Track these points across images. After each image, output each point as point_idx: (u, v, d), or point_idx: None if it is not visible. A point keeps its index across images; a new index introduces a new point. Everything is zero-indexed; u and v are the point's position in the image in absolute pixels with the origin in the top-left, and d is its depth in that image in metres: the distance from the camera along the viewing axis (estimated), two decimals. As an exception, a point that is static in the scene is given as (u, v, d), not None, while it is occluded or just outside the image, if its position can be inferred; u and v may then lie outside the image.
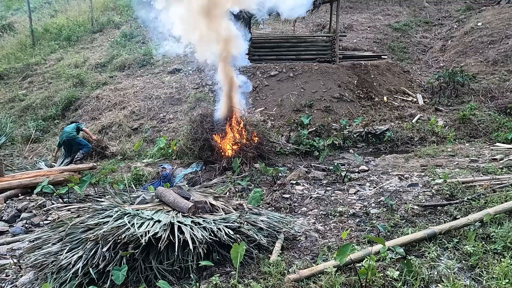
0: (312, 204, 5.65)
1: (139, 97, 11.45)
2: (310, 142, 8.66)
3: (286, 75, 11.37)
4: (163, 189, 5.02)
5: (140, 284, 3.56)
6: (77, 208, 4.71)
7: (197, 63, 12.93)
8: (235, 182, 6.73)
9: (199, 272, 3.78)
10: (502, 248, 3.66)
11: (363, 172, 7.14)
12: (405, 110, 10.67)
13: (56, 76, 13.43)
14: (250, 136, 7.76)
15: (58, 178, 7.31)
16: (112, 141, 9.93)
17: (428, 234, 3.97)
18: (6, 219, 5.92)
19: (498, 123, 9.32)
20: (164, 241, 3.72)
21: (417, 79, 12.68)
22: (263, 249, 4.15)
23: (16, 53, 15.37)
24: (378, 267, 3.54)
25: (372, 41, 15.46)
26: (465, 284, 3.27)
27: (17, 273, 4.21)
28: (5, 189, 6.98)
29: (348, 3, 19.49)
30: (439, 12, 17.88)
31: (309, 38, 13.58)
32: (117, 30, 16.50)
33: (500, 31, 13.25)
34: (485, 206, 4.58)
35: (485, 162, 6.79)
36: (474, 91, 11.10)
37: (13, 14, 20.30)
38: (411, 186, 5.86)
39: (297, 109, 10.35)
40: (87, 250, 3.77)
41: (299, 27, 16.76)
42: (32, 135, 10.70)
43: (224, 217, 4.41)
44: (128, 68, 13.64)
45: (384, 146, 9.35)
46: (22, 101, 12.47)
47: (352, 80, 11.39)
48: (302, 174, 6.98)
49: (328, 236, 4.52)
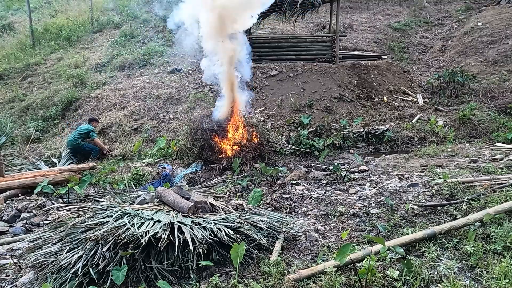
0: (312, 204, 5.65)
1: (139, 97, 11.45)
2: (310, 142, 8.66)
3: (286, 75, 11.37)
4: (163, 189, 5.02)
5: (140, 284, 3.56)
6: (77, 208, 4.71)
7: (197, 63, 12.95)
8: (235, 182, 6.73)
9: (199, 272, 3.78)
10: (502, 248, 3.66)
11: (363, 172, 7.14)
12: (405, 110, 10.67)
13: (56, 76, 13.43)
14: (250, 136, 7.77)
15: (58, 178, 7.31)
16: (114, 143, 9.92)
17: (428, 234, 3.97)
18: (6, 219, 5.92)
19: (498, 123, 9.32)
20: (164, 241, 3.71)
21: (417, 79, 12.68)
22: (263, 249, 4.15)
23: (16, 53, 15.36)
24: (378, 267, 3.54)
25: (372, 41, 15.46)
26: (465, 284, 3.27)
27: (17, 273, 4.21)
28: (5, 189, 6.98)
29: (348, 3, 19.49)
30: (439, 12, 17.88)
31: (309, 38, 13.58)
32: (117, 30, 16.49)
33: (500, 31, 13.25)
34: (485, 206, 4.58)
35: (485, 162, 6.79)
36: (474, 91, 11.11)
37: (13, 14, 20.28)
38: (411, 186, 5.86)
39: (297, 109, 10.35)
40: (87, 250, 3.77)
41: (299, 27, 16.75)
42: (32, 135, 10.69)
43: (224, 217, 4.41)
44: (128, 68, 13.64)
45: (384, 146, 9.35)
46: (22, 101, 12.47)
47: (352, 80, 11.39)
48: (302, 174, 6.98)
49: (328, 236, 4.52)
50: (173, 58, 13.85)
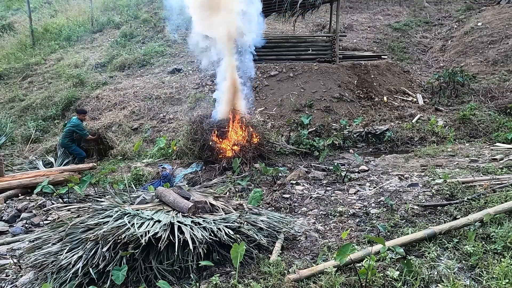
0: (312, 204, 5.64)
1: (139, 97, 11.45)
2: (310, 142, 8.66)
3: (286, 75, 11.37)
4: (163, 189, 5.02)
5: (140, 284, 3.56)
6: (77, 208, 4.71)
7: (197, 63, 12.95)
8: (235, 182, 6.73)
9: (199, 272, 3.78)
10: (502, 248, 3.66)
11: (363, 172, 7.14)
12: (405, 110, 10.67)
13: (56, 76, 13.43)
14: (250, 137, 7.76)
15: (58, 178, 7.31)
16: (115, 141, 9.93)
17: (428, 234, 3.97)
18: (6, 219, 5.92)
19: (498, 123, 9.32)
20: (164, 241, 3.71)
21: (417, 79, 12.68)
22: (263, 249, 4.15)
23: (16, 53, 15.36)
24: (378, 267, 3.54)
25: (372, 41, 15.46)
26: (465, 284, 3.27)
27: (17, 273, 4.21)
28: (5, 189, 6.98)
29: (348, 3, 19.49)
30: (439, 12, 17.88)
31: (309, 38, 13.57)
32: (117, 30, 16.49)
33: (500, 31, 13.24)
34: (485, 206, 4.58)
35: (485, 162, 6.79)
36: (474, 91, 11.11)
37: (13, 14, 20.29)
38: (411, 186, 5.86)
39: (297, 109, 10.35)
40: (87, 250, 3.77)
41: (299, 27, 16.75)
42: (32, 135, 10.70)
43: (224, 217, 4.41)
44: (128, 68, 13.64)
45: (384, 146, 9.35)
46: (22, 101, 12.47)
47: (352, 80, 11.39)
48: (302, 174, 6.98)
49: (328, 236, 4.52)
50: (173, 58, 13.85)
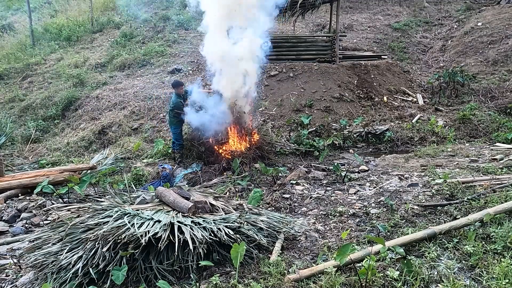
0: (312, 204, 5.65)
1: (139, 97, 11.44)
2: (310, 142, 8.66)
3: (286, 75, 11.37)
4: (163, 189, 5.02)
5: (140, 284, 3.56)
6: (77, 208, 4.71)
7: (197, 63, 12.95)
8: (235, 182, 6.73)
9: (199, 272, 3.78)
10: (502, 248, 3.66)
11: (363, 172, 7.14)
12: (405, 110, 10.67)
13: (56, 76, 13.43)
14: (250, 138, 7.77)
15: (58, 178, 7.30)
16: (112, 141, 9.92)
17: (428, 234, 3.97)
18: (6, 219, 5.92)
19: (498, 123, 9.32)
20: (164, 241, 3.71)
21: (417, 79, 12.68)
22: (263, 249, 4.15)
23: (16, 53, 15.36)
24: (378, 267, 3.54)
25: (372, 41, 15.46)
26: (465, 284, 3.27)
27: (17, 273, 4.21)
28: (5, 189, 6.97)
29: (348, 3, 19.48)
30: (439, 12, 17.88)
31: (309, 38, 13.57)
32: (117, 30, 16.49)
33: (500, 31, 13.24)
34: (485, 206, 4.58)
35: (485, 162, 6.79)
36: (474, 91, 11.11)
37: (13, 14, 20.31)
38: (411, 186, 5.86)
39: (297, 109, 10.35)
40: (87, 250, 3.77)
41: (299, 27, 16.75)
42: (32, 135, 10.70)
43: (224, 217, 4.41)
44: (128, 68, 13.63)
45: (384, 146, 9.35)
46: (22, 101, 12.47)
47: (352, 80, 11.39)
48: (302, 174, 6.98)
49: (328, 236, 4.52)
50: (173, 58, 13.84)
